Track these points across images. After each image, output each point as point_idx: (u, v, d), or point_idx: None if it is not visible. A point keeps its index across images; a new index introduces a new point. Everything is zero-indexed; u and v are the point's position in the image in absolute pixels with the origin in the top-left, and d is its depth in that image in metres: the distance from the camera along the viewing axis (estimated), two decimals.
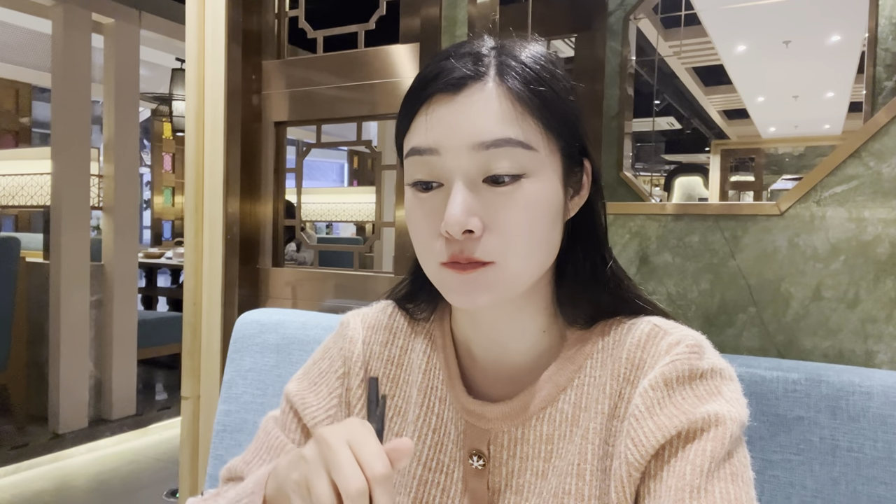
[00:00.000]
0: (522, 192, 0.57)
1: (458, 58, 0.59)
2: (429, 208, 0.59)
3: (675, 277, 1.13)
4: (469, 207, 0.56)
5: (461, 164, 0.57)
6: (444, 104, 0.57)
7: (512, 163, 0.56)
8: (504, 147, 0.56)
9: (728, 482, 0.51)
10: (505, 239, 0.56)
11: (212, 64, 1.65)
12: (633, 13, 1.21)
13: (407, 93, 0.61)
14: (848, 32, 1.05)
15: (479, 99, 0.57)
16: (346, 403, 0.72)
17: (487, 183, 0.57)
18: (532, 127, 0.57)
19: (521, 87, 0.57)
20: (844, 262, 1.01)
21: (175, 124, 4.99)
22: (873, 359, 1.00)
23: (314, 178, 10.70)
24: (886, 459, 0.73)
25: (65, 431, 3.30)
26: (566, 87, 0.61)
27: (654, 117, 1.23)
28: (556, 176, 0.59)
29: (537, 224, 0.58)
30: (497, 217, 0.56)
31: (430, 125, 0.58)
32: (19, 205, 3.62)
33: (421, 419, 0.67)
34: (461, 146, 0.56)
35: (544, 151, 0.58)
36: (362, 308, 0.78)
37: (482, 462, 0.63)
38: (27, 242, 3.76)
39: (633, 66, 1.22)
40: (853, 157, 1.01)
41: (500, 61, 0.58)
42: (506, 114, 0.56)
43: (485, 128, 0.56)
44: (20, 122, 6.42)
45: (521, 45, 0.61)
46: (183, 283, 1.73)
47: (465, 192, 0.56)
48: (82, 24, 3.35)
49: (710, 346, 0.60)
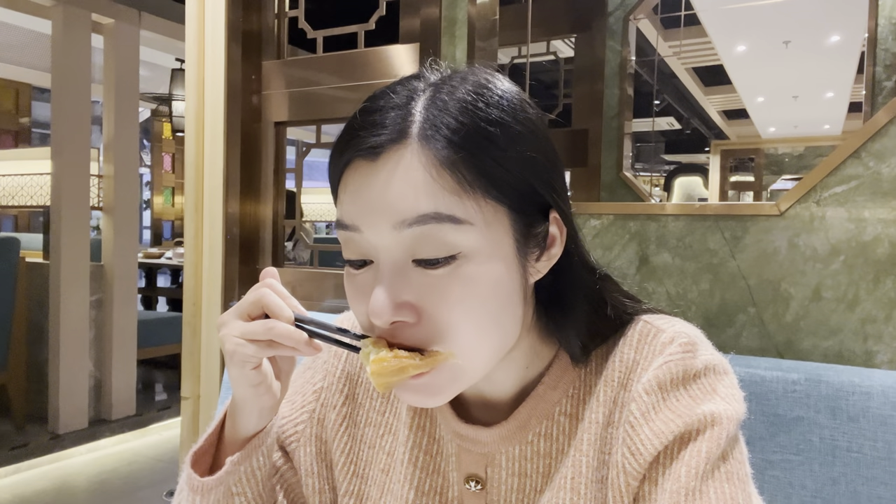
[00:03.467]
0: (458, 274, 0.50)
1: (382, 111, 0.51)
2: (361, 285, 0.53)
3: (675, 277, 1.13)
4: (395, 296, 0.50)
5: (384, 244, 0.50)
6: (361, 174, 0.51)
7: (440, 244, 0.49)
8: (429, 224, 0.48)
9: (723, 482, 0.50)
10: (444, 326, 0.50)
11: (212, 64, 1.65)
12: (632, 13, 1.21)
13: (334, 143, 0.54)
14: (848, 32, 1.05)
15: (399, 168, 0.49)
16: (318, 420, 0.69)
17: (417, 264, 0.50)
18: (464, 197, 0.49)
19: (449, 150, 0.49)
20: (844, 262, 1.01)
21: (175, 124, 4.99)
22: (873, 359, 1.00)
23: (314, 178, 10.68)
24: (886, 459, 0.73)
25: (65, 431, 3.30)
26: (519, 133, 0.52)
27: (654, 117, 1.23)
28: (505, 247, 0.52)
29: (482, 307, 0.51)
30: (433, 301, 0.50)
31: (349, 199, 0.52)
32: (19, 205, 3.62)
33: (412, 440, 0.65)
34: (382, 225, 0.49)
35: (483, 223, 0.50)
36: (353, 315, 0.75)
37: (480, 486, 0.61)
38: (27, 242, 3.76)
39: (632, 66, 1.22)
40: (853, 158, 1.01)
41: (426, 116, 0.50)
42: (430, 185, 0.48)
43: (405, 203, 0.48)
44: (20, 122, 6.42)
45: (461, 86, 0.52)
46: (183, 283, 1.73)
47: (391, 278, 0.50)
48: (82, 24, 3.35)
49: (703, 340, 0.58)
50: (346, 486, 0.67)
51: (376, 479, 0.66)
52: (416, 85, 0.53)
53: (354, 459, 0.67)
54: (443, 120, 0.50)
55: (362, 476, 0.67)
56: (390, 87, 0.54)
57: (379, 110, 0.52)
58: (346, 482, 0.67)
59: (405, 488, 0.63)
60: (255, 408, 0.59)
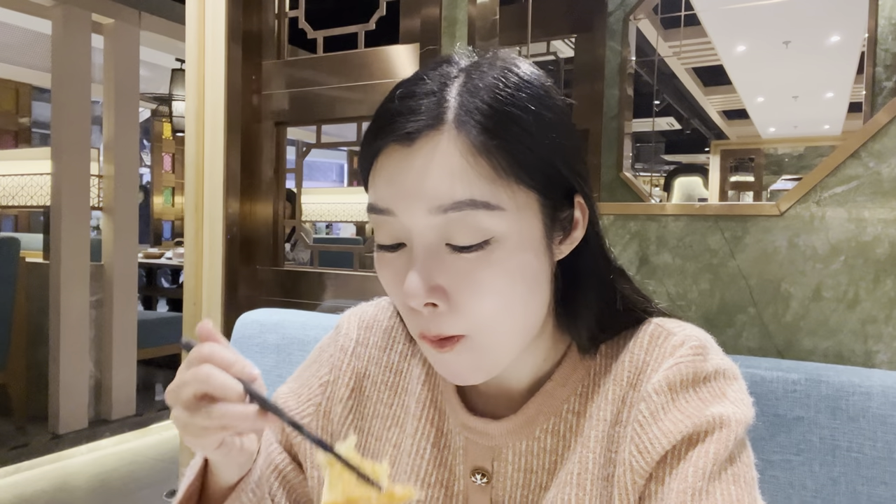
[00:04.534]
0: (490, 259, 0.51)
1: (416, 97, 0.52)
2: (396, 268, 0.54)
3: (675, 278, 1.13)
4: (429, 278, 0.51)
5: (418, 229, 0.51)
6: (397, 159, 0.51)
7: (474, 229, 0.50)
8: (464, 210, 0.49)
9: (730, 484, 0.50)
10: (475, 313, 0.52)
11: (212, 64, 1.65)
12: (632, 13, 1.21)
13: (367, 129, 0.55)
14: (848, 32, 1.05)
15: (435, 154, 0.50)
16: (324, 413, 0.69)
17: (450, 248, 0.51)
18: (499, 183, 0.50)
19: (484, 136, 0.49)
20: (844, 262, 1.01)
21: (175, 124, 4.98)
22: (873, 359, 1.00)
23: (314, 178, 10.69)
24: (886, 459, 0.73)
25: (65, 431, 3.30)
26: (548, 120, 0.53)
27: (654, 117, 1.23)
28: (534, 231, 0.53)
29: (510, 291, 0.52)
30: (463, 288, 0.51)
31: (384, 183, 0.52)
32: (19, 205, 3.61)
33: (419, 432, 0.65)
34: (417, 209, 0.50)
35: (515, 208, 0.51)
36: (361, 305, 0.75)
37: (485, 479, 0.61)
38: (27, 242, 3.76)
39: (632, 66, 1.22)
40: (853, 158, 1.01)
41: (461, 102, 0.51)
42: (465, 171, 0.49)
43: (440, 190, 0.49)
44: (20, 122, 6.42)
45: (491, 70, 0.53)
46: (183, 283, 1.73)
47: (425, 261, 0.51)
48: (82, 24, 3.35)
49: (714, 346, 0.58)
50: None
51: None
52: (449, 70, 0.54)
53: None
54: (476, 105, 0.50)
55: None
56: (422, 72, 0.54)
57: (413, 96, 0.52)
58: None
59: (411, 480, 0.64)
60: (233, 465, 0.58)
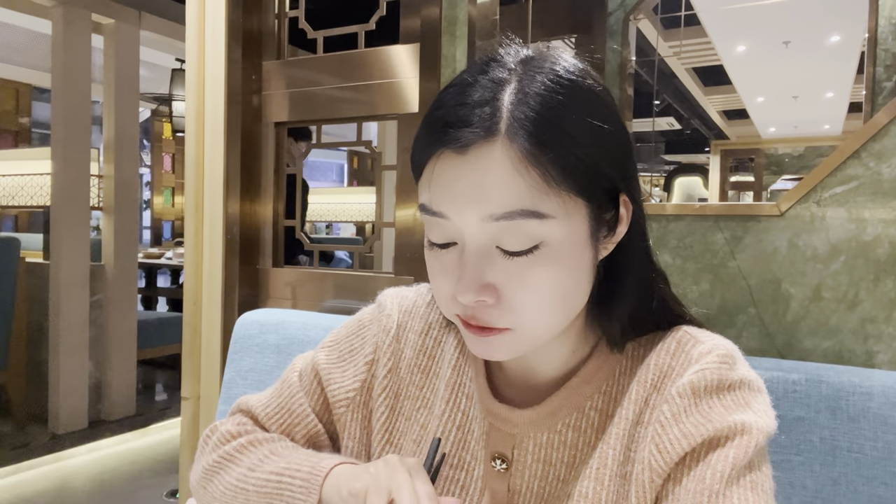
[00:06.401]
0: (540, 262, 0.53)
1: (470, 106, 0.52)
2: (445, 263, 0.56)
3: (675, 278, 1.13)
4: (480, 278, 0.53)
5: (471, 232, 0.53)
6: (451, 167, 0.53)
7: (524, 236, 0.52)
8: (515, 219, 0.51)
9: (748, 490, 0.51)
10: (522, 309, 0.54)
11: (212, 64, 1.65)
12: (632, 13, 1.21)
13: (420, 127, 0.56)
14: (848, 32, 1.05)
15: (488, 163, 0.51)
16: (367, 389, 0.72)
17: (501, 251, 0.53)
18: (550, 192, 0.51)
19: (535, 147, 0.50)
20: (844, 262, 1.01)
21: (175, 124, 4.98)
22: (873, 359, 1.00)
23: (314, 179, 10.70)
24: (886, 459, 0.73)
25: (65, 432, 3.30)
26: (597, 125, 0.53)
27: (654, 117, 1.23)
28: (582, 233, 0.54)
29: (557, 290, 0.54)
30: (512, 287, 0.53)
31: (437, 188, 0.54)
32: (19, 205, 3.61)
33: (446, 414, 0.67)
34: (469, 217, 0.52)
35: (565, 215, 0.52)
36: (401, 289, 0.77)
37: (505, 466, 0.63)
38: (27, 242, 3.76)
39: (632, 66, 1.22)
40: (853, 158, 1.01)
41: (512, 112, 0.51)
42: (517, 182, 0.51)
43: (494, 199, 0.51)
44: (20, 122, 6.42)
45: (541, 77, 0.53)
46: (183, 283, 1.73)
47: (476, 262, 0.53)
48: (82, 24, 3.35)
49: (741, 357, 0.59)
50: (379, 453, 0.70)
51: (408, 449, 0.69)
52: (499, 74, 0.54)
53: (391, 429, 0.70)
54: (527, 115, 0.51)
55: (396, 445, 0.70)
56: (471, 75, 0.55)
57: (465, 105, 0.53)
58: (381, 449, 0.70)
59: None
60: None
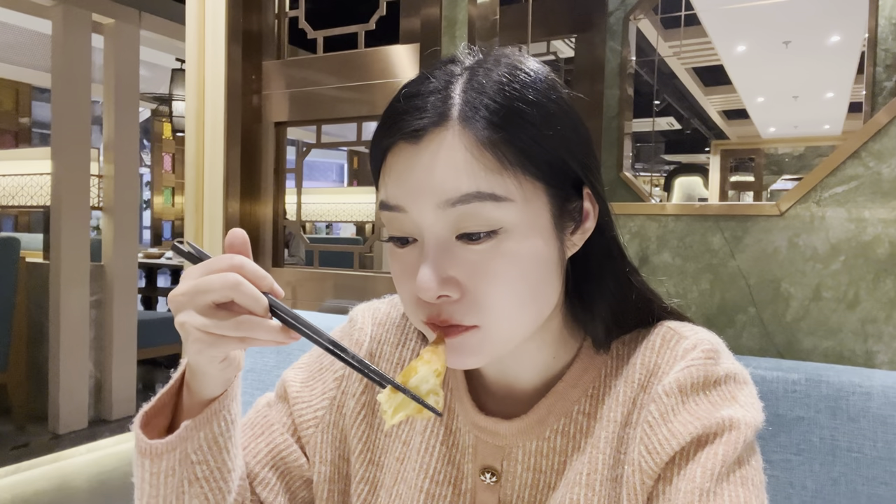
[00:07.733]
0: (501, 250, 0.52)
1: (423, 95, 0.53)
2: (407, 263, 0.55)
3: (675, 278, 1.13)
4: (441, 271, 0.52)
5: (429, 223, 0.52)
6: (405, 157, 0.53)
7: (483, 220, 0.51)
8: (472, 203, 0.50)
9: (738, 486, 0.51)
10: (486, 302, 0.52)
11: (212, 64, 1.65)
12: (633, 13, 1.21)
13: (376, 128, 0.56)
14: (848, 32, 1.05)
15: (441, 149, 0.51)
16: (338, 407, 0.70)
17: (462, 240, 0.52)
18: (505, 175, 0.51)
19: (488, 130, 0.51)
20: (844, 262, 1.01)
21: (175, 124, 4.99)
22: (873, 359, 1.00)
23: (314, 178, 10.70)
24: (886, 459, 0.73)
25: (65, 431, 3.30)
26: (553, 112, 0.54)
27: (654, 117, 1.23)
28: (543, 221, 0.54)
29: (522, 281, 0.53)
30: (475, 278, 0.52)
31: (393, 181, 0.53)
32: (19, 205, 3.62)
33: (429, 430, 0.65)
34: (426, 205, 0.51)
35: (522, 199, 0.52)
36: (373, 302, 0.75)
37: (495, 479, 0.61)
38: (27, 242, 3.76)
39: (633, 66, 1.22)
40: (853, 158, 1.01)
41: (466, 99, 0.52)
42: (471, 165, 0.50)
43: (448, 184, 0.50)
44: (20, 122, 6.43)
45: (496, 68, 0.54)
46: None
47: (437, 255, 0.52)
48: (82, 24, 3.35)
49: (725, 350, 0.59)
50: (362, 473, 0.68)
51: (391, 467, 0.66)
52: (453, 69, 0.55)
53: (371, 447, 0.68)
54: (481, 101, 0.52)
55: (378, 464, 0.67)
56: (428, 72, 0.56)
57: (419, 95, 0.53)
58: (363, 469, 0.68)
59: (419, 477, 0.64)
60: (218, 379, 0.57)
